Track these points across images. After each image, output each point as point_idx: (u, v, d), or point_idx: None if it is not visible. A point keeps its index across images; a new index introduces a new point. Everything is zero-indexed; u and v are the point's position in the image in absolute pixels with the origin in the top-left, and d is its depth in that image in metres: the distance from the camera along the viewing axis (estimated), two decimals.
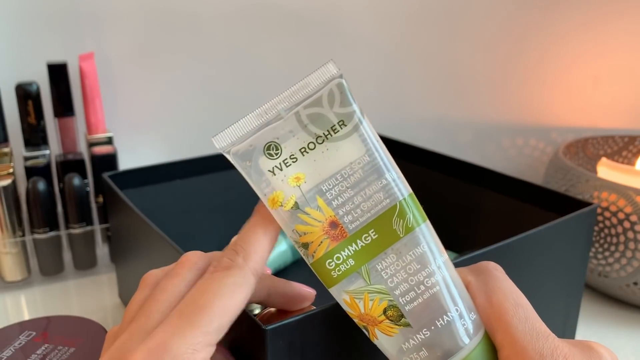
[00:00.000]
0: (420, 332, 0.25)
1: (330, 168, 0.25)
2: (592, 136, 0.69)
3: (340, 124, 0.26)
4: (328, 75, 0.26)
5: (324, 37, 0.68)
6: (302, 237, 0.25)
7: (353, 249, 0.25)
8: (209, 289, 0.24)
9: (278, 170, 0.25)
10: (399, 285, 0.25)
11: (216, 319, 0.23)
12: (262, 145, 0.26)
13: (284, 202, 0.25)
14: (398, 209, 0.25)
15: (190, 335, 0.23)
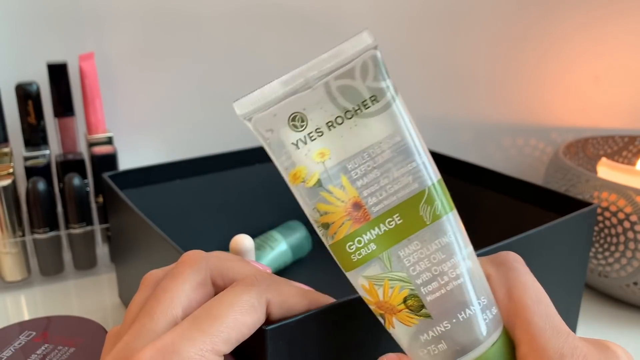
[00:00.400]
0: (440, 324, 0.24)
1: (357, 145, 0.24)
2: (592, 136, 0.69)
3: (372, 99, 0.24)
4: (363, 45, 0.25)
5: (324, 38, 0.68)
6: (322, 216, 0.24)
7: (375, 233, 0.24)
8: (224, 301, 0.24)
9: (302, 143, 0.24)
10: (421, 274, 0.24)
11: (226, 330, 0.23)
12: (287, 116, 0.24)
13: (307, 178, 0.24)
14: (426, 195, 0.24)
15: (200, 340, 0.23)
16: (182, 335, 0.23)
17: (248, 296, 0.25)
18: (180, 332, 0.23)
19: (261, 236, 0.56)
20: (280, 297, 0.26)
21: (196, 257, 0.27)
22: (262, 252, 0.53)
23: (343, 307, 0.29)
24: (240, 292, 0.25)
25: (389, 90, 0.24)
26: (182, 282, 0.25)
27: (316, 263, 0.57)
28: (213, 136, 0.67)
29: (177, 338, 0.23)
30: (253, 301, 0.25)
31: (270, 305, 0.26)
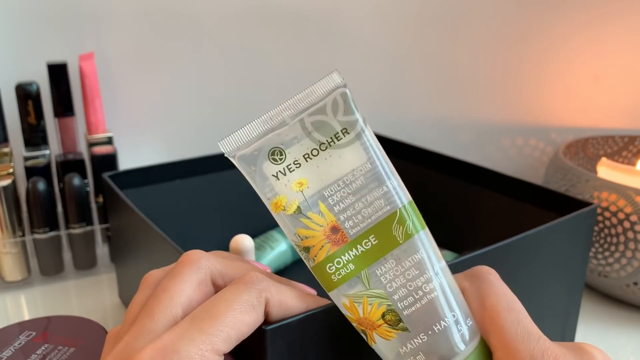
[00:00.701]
0: (417, 337, 0.25)
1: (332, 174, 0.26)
2: (592, 136, 0.69)
3: (344, 131, 0.26)
4: (332, 84, 0.27)
5: (324, 38, 0.68)
6: (303, 240, 0.26)
7: (353, 253, 0.26)
8: (224, 300, 0.24)
9: (282, 175, 0.26)
10: (397, 290, 0.26)
11: (226, 329, 0.23)
12: (267, 151, 0.26)
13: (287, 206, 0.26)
14: (398, 216, 0.26)
15: (200, 340, 0.23)
16: (182, 335, 0.23)
17: (248, 295, 0.25)
18: (180, 332, 0.23)
19: (261, 236, 0.56)
20: (279, 297, 0.26)
21: (196, 257, 0.27)
22: (262, 252, 0.53)
23: None
24: (240, 291, 0.25)
25: (358, 123, 0.26)
26: (181, 281, 0.25)
27: None
28: (213, 136, 0.67)
29: (176, 338, 0.23)
30: (252, 300, 0.25)
31: (269, 305, 0.26)
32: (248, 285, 0.25)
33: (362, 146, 0.26)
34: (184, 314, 0.25)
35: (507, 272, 0.38)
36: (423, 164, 0.57)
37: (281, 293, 0.26)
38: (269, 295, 0.25)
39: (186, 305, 0.25)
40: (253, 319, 0.25)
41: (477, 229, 0.53)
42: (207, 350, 0.23)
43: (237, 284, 0.25)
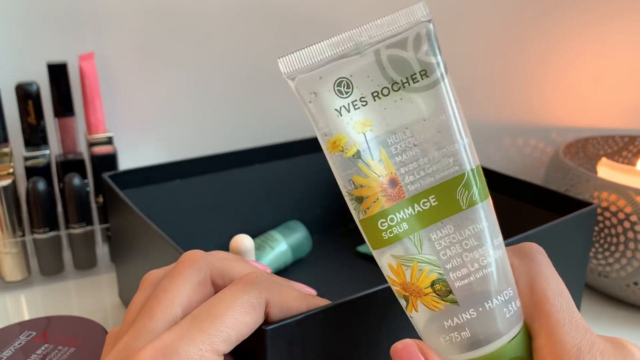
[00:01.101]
0: (466, 312, 0.23)
1: (400, 120, 0.23)
2: (592, 136, 0.69)
3: (422, 73, 0.23)
4: (417, 16, 0.24)
5: (324, 37, 0.68)
6: (357, 189, 0.23)
7: (409, 212, 0.23)
8: (224, 300, 0.24)
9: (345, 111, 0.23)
10: (451, 259, 0.23)
11: (226, 329, 0.23)
12: (333, 80, 0.23)
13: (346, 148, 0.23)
14: (465, 179, 0.24)
15: (200, 340, 0.23)
16: (181, 335, 0.23)
17: (248, 296, 0.25)
18: (180, 332, 0.23)
19: (261, 236, 0.56)
20: (279, 298, 0.26)
21: (196, 257, 0.27)
22: (262, 252, 0.53)
23: (343, 307, 0.29)
24: (240, 292, 0.25)
25: (439, 67, 0.24)
26: (181, 281, 0.25)
27: (316, 263, 0.57)
28: (213, 136, 0.67)
29: (176, 338, 0.23)
30: (253, 301, 0.25)
31: (270, 305, 0.26)
32: (248, 285, 0.25)
33: (439, 94, 0.23)
34: (184, 314, 0.25)
35: None
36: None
37: (282, 294, 0.26)
38: (269, 296, 0.25)
39: (186, 306, 0.25)
40: (253, 320, 0.25)
41: None
42: (206, 350, 0.23)
43: (237, 284, 0.25)
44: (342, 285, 0.51)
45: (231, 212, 0.56)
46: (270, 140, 0.59)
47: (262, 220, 0.58)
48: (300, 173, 0.59)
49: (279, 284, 0.27)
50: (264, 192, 0.58)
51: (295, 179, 0.59)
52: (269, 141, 0.58)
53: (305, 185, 0.60)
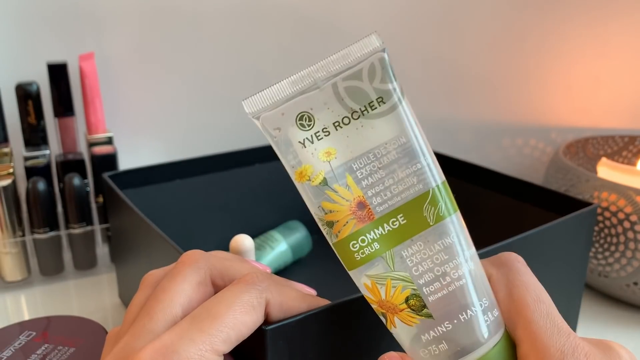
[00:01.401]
0: (442, 325, 0.24)
1: (363, 146, 0.24)
2: (592, 136, 0.69)
3: (379, 100, 0.24)
4: (370, 47, 0.25)
5: (324, 38, 0.68)
6: (327, 215, 0.24)
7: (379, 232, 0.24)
8: (224, 300, 0.24)
9: (309, 142, 0.24)
10: (424, 274, 0.24)
11: (226, 329, 0.23)
12: (295, 115, 0.24)
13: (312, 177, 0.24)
14: (430, 196, 0.24)
15: (199, 340, 0.23)
16: (181, 335, 0.23)
17: (248, 296, 0.25)
18: (180, 332, 0.23)
19: (261, 236, 0.56)
20: (280, 298, 0.26)
21: (196, 257, 0.27)
22: (262, 252, 0.53)
23: (343, 307, 0.29)
24: (240, 292, 0.25)
25: (395, 93, 0.25)
26: (181, 281, 0.25)
27: (316, 263, 0.57)
28: (213, 136, 0.67)
29: (176, 338, 0.23)
30: (253, 301, 0.25)
31: (270, 305, 0.26)
32: (248, 285, 0.25)
33: (398, 118, 0.24)
34: (184, 314, 0.25)
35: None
36: None
37: (282, 294, 0.26)
38: (270, 296, 0.25)
39: (186, 306, 0.25)
40: (253, 320, 0.25)
41: (477, 229, 0.53)
42: (206, 350, 0.23)
43: (237, 284, 0.25)
44: (342, 285, 0.51)
45: (231, 212, 0.56)
46: None
47: (262, 220, 0.58)
48: None
49: (279, 284, 0.27)
50: (264, 192, 0.58)
51: None
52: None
53: None
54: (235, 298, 0.24)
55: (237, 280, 0.26)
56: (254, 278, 0.25)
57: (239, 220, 0.57)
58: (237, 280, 0.26)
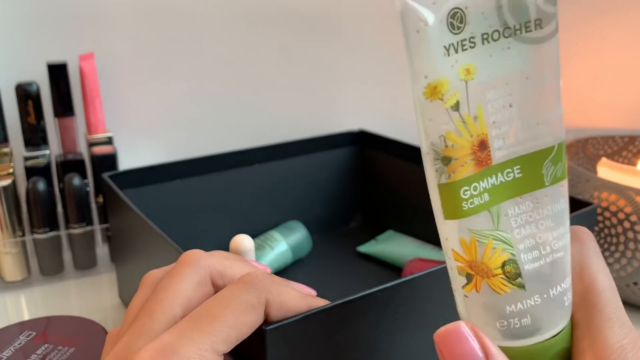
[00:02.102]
0: (531, 298, 0.21)
1: (502, 72, 0.20)
2: (592, 136, 0.69)
3: (537, 23, 0.21)
4: None
5: (324, 37, 0.68)
6: (446, 149, 0.20)
7: (492, 182, 0.21)
8: (223, 300, 0.24)
9: (453, 50, 0.19)
10: (524, 239, 0.21)
11: (225, 329, 0.23)
12: (448, 9, 0.19)
13: (446, 96, 0.20)
14: (554, 152, 0.21)
15: (199, 340, 0.23)
16: (181, 334, 0.23)
17: (247, 295, 0.25)
18: (179, 332, 0.23)
19: (261, 236, 0.56)
20: (279, 298, 0.26)
21: (195, 257, 0.27)
22: (262, 252, 0.53)
23: (343, 307, 0.29)
24: (240, 291, 0.25)
25: (555, 19, 0.21)
26: (181, 281, 0.25)
27: (316, 263, 0.57)
28: (213, 136, 0.67)
29: (176, 338, 0.23)
30: (252, 301, 0.25)
31: (269, 305, 0.26)
32: (248, 285, 0.25)
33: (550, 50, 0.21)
34: (184, 313, 0.25)
35: None
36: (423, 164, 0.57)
37: (281, 294, 0.26)
38: (269, 296, 0.25)
39: (185, 305, 0.25)
40: (253, 319, 0.25)
41: None
42: (206, 350, 0.23)
43: (237, 284, 0.25)
44: (342, 285, 0.51)
45: (231, 212, 0.56)
46: (270, 140, 0.59)
47: (262, 220, 0.58)
48: (300, 173, 0.59)
49: (278, 284, 0.27)
50: (264, 192, 0.58)
51: (295, 179, 0.59)
52: (269, 141, 0.58)
53: (305, 185, 0.60)
54: (235, 298, 0.24)
55: (236, 280, 0.26)
56: (254, 278, 0.25)
57: (239, 220, 0.57)
58: (237, 280, 0.26)
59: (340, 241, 0.61)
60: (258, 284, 0.25)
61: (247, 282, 0.25)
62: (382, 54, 0.70)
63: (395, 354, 0.33)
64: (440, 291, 0.34)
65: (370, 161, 0.62)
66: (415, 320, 0.33)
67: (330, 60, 0.69)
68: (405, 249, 0.55)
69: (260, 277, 0.26)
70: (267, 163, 0.57)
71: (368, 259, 0.57)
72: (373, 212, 0.64)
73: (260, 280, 0.25)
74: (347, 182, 0.63)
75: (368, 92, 0.71)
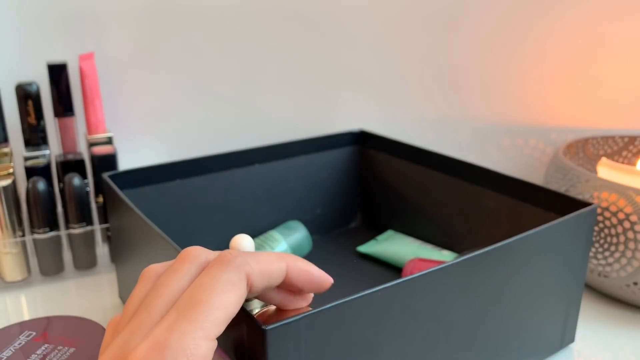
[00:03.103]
0: None
1: None
2: (592, 136, 0.69)
3: None
4: None
5: (324, 38, 0.68)
6: None
7: None
8: (204, 284, 0.24)
9: None
10: None
11: (212, 312, 0.23)
12: None
13: None
14: None
15: (190, 330, 0.23)
16: (170, 328, 0.23)
17: (227, 274, 0.25)
18: (169, 326, 0.23)
19: (261, 236, 0.56)
20: (258, 267, 0.26)
21: (195, 254, 0.27)
22: None
23: (343, 307, 0.29)
24: (218, 272, 0.25)
25: None
26: (181, 277, 0.26)
27: (316, 263, 0.56)
28: (213, 136, 0.67)
29: (166, 332, 0.23)
30: (233, 278, 0.25)
31: (250, 277, 0.26)
32: (224, 264, 0.25)
33: None
34: None
35: (507, 272, 0.38)
36: (423, 164, 0.57)
37: (258, 262, 0.26)
38: (248, 268, 0.25)
39: None
40: (238, 296, 0.25)
41: (477, 229, 0.53)
42: (199, 337, 0.23)
43: (214, 266, 0.25)
44: (342, 285, 0.51)
45: (231, 212, 0.56)
46: (270, 140, 0.59)
47: (262, 220, 0.58)
48: (300, 173, 0.59)
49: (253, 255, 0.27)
50: (264, 192, 0.58)
51: (295, 179, 0.59)
52: (269, 141, 0.58)
53: (305, 185, 0.60)
54: (215, 280, 0.24)
55: (211, 262, 0.26)
56: (228, 256, 0.26)
57: (239, 220, 0.57)
58: (212, 262, 0.26)
59: (340, 241, 0.61)
60: (233, 260, 0.25)
61: (223, 261, 0.25)
62: (382, 54, 0.70)
63: (395, 354, 0.33)
64: (440, 291, 0.34)
65: (370, 161, 0.62)
66: (415, 320, 0.33)
67: (331, 60, 0.69)
68: (405, 249, 0.55)
69: (233, 253, 0.26)
70: (267, 163, 0.57)
71: (368, 259, 0.57)
72: (373, 212, 0.64)
73: (234, 256, 0.26)
74: (347, 182, 0.63)
75: (368, 92, 0.71)
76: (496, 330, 0.39)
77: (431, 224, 0.57)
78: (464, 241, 0.54)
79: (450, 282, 0.35)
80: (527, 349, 0.42)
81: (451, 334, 0.36)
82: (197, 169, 0.54)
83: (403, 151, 0.58)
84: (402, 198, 0.59)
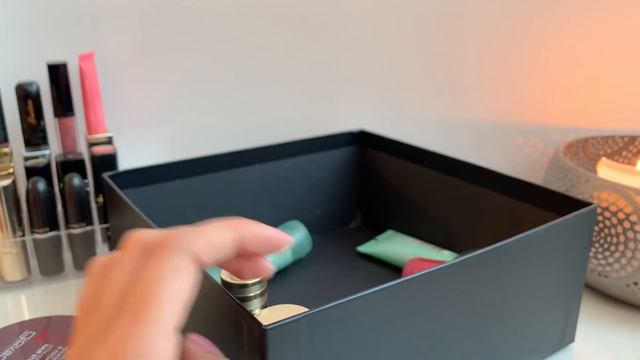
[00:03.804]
0: None
1: None
2: (592, 136, 0.69)
3: None
4: None
5: (325, 37, 0.68)
6: None
7: None
8: (149, 278, 0.22)
9: None
10: None
11: (164, 307, 0.22)
12: None
13: None
14: None
15: (145, 333, 0.21)
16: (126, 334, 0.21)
17: (170, 262, 0.23)
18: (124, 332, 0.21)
19: None
20: (203, 243, 0.24)
21: (138, 239, 0.25)
22: None
23: (343, 307, 0.29)
24: (163, 260, 0.23)
25: None
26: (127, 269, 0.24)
27: (316, 263, 0.57)
28: (213, 136, 0.67)
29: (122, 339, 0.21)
30: (179, 263, 0.23)
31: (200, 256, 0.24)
32: (166, 249, 0.23)
33: None
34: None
35: (507, 272, 0.38)
36: (423, 164, 0.57)
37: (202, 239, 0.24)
38: (192, 248, 0.23)
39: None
40: (189, 280, 0.23)
41: (477, 229, 0.53)
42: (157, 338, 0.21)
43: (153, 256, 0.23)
44: (342, 285, 0.51)
45: (231, 212, 0.56)
46: (270, 140, 0.59)
47: (262, 220, 0.58)
48: (300, 173, 0.59)
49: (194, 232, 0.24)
50: (264, 192, 0.58)
51: (295, 179, 0.59)
52: (269, 141, 0.58)
53: (305, 185, 0.60)
54: (160, 270, 0.22)
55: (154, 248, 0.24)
56: (169, 239, 0.24)
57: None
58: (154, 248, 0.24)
59: (340, 241, 0.61)
60: (175, 242, 0.23)
61: (165, 246, 0.23)
62: (382, 54, 0.70)
63: (395, 354, 0.33)
64: (440, 291, 0.34)
65: (370, 161, 0.62)
66: (415, 320, 0.33)
67: (331, 60, 0.69)
68: (405, 249, 0.55)
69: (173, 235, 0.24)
70: (267, 163, 0.57)
71: (368, 259, 0.57)
72: (373, 212, 0.64)
73: (174, 238, 0.24)
74: (347, 182, 0.63)
75: (368, 92, 0.71)
76: (496, 330, 0.39)
77: (431, 224, 0.57)
78: (464, 241, 0.54)
79: (450, 282, 0.35)
80: (527, 348, 0.42)
81: (451, 334, 0.36)
82: (197, 169, 0.54)
83: (403, 151, 0.58)
84: (402, 198, 0.59)
